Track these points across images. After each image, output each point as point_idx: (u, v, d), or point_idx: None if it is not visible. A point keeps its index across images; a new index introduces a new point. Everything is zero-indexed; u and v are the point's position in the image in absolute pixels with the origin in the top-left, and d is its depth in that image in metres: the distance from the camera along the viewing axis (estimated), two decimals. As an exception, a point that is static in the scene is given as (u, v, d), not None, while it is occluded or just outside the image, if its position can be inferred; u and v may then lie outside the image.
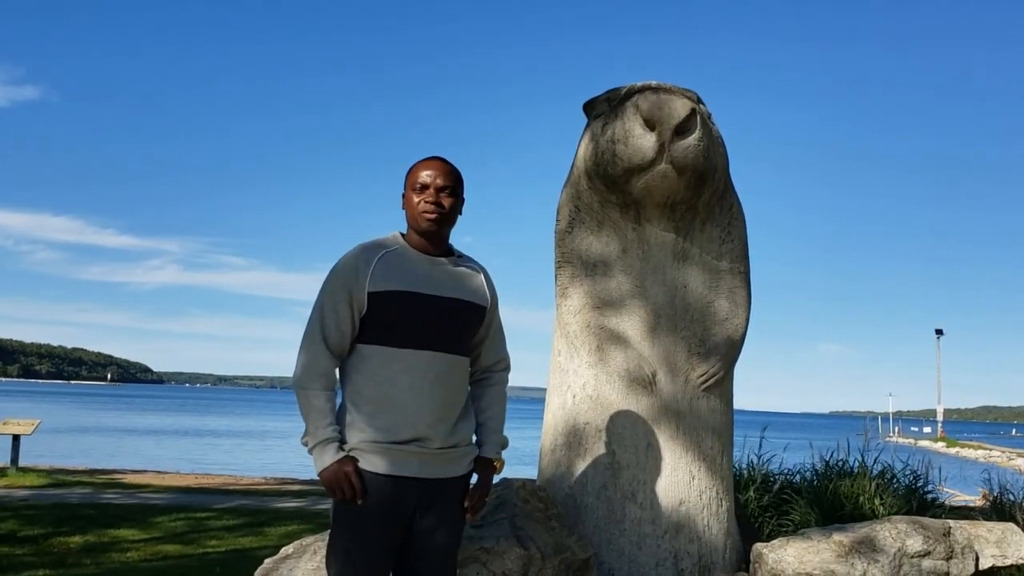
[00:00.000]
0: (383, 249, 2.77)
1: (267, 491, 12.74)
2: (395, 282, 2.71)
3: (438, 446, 2.70)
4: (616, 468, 4.00)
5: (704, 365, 4.10)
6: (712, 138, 4.00)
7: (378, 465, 2.65)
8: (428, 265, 2.79)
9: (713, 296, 4.20)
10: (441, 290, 2.75)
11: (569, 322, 4.23)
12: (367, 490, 2.64)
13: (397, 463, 2.66)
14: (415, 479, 2.67)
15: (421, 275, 2.76)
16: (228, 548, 7.37)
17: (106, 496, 10.98)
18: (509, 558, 3.35)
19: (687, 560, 3.96)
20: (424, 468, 2.68)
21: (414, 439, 2.67)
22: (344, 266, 2.75)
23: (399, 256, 2.77)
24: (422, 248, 2.81)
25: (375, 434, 2.66)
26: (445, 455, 2.72)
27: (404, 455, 2.66)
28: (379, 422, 2.67)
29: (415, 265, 2.77)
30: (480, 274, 2.92)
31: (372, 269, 2.71)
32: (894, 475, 6.66)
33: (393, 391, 2.68)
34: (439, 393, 2.71)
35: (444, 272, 2.80)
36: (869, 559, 3.95)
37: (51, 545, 7.13)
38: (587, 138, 4.17)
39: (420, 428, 2.67)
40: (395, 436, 2.66)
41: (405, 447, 2.66)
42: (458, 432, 2.77)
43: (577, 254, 4.26)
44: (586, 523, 3.98)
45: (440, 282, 2.77)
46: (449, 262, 2.84)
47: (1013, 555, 4.17)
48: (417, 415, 2.67)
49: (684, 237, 4.17)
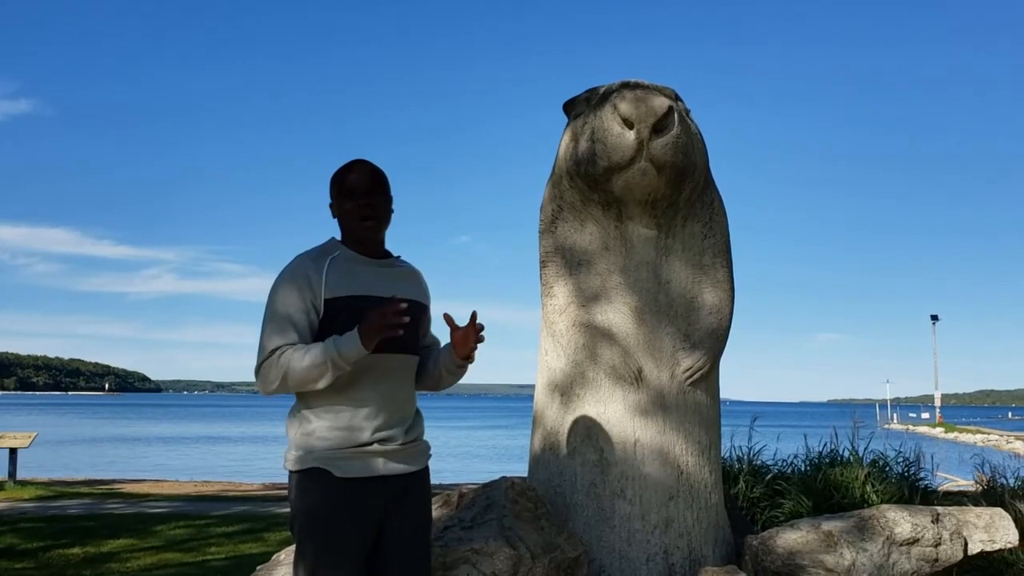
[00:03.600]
0: (328, 256, 2.77)
1: (266, 497, 12.76)
2: (347, 287, 2.72)
3: (399, 443, 2.76)
4: (604, 465, 4.03)
5: (689, 359, 4.13)
6: (691, 135, 4.03)
7: (345, 470, 2.67)
8: (374, 268, 2.84)
9: (697, 291, 4.23)
10: (388, 291, 2.76)
11: (555, 320, 4.26)
12: (339, 498, 2.65)
13: (363, 465, 2.69)
14: (382, 478, 2.71)
15: (370, 279, 2.80)
16: (228, 555, 7.39)
17: (105, 507, 11.00)
18: (499, 558, 3.37)
19: (678, 555, 3.99)
20: (388, 465, 2.73)
21: (376, 440, 2.71)
22: (295, 275, 2.72)
23: (345, 262, 2.79)
24: (363, 253, 2.84)
25: (338, 440, 2.68)
26: (405, 450, 2.79)
27: (369, 456, 2.70)
28: (341, 427, 2.69)
29: (362, 269, 2.81)
30: (418, 274, 3.02)
31: (325, 276, 2.71)
32: (886, 463, 6.70)
33: (352, 394, 2.71)
34: (397, 392, 2.79)
35: (389, 274, 2.86)
36: (858, 548, 3.99)
37: (51, 558, 7.15)
38: (567, 137, 4.19)
39: (380, 428, 2.72)
40: (358, 439, 2.69)
41: (369, 448, 2.70)
42: (416, 428, 2.87)
43: (561, 252, 4.29)
44: (576, 521, 4.01)
45: (388, 284, 2.81)
46: (388, 263, 2.90)
47: (1001, 540, 4.20)
48: (378, 416, 2.72)
49: (666, 233, 4.19)
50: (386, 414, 2.74)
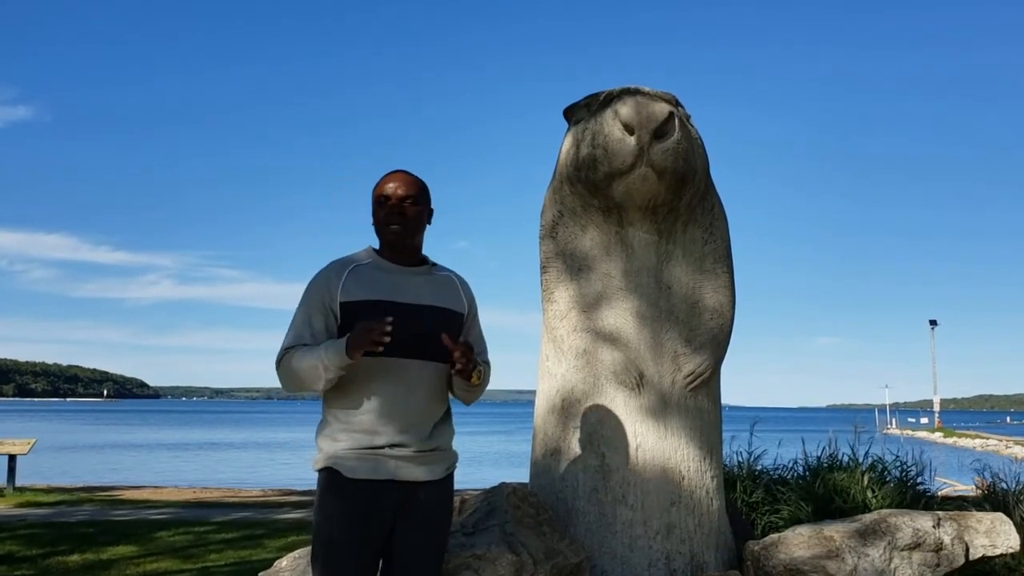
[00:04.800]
0: (354, 263, 2.87)
1: (266, 503, 12.72)
2: (364, 292, 2.79)
3: (414, 449, 2.75)
4: (606, 471, 4.03)
5: (690, 365, 4.13)
6: (691, 140, 4.04)
7: (356, 471, 2.71)
8: (399, 275, 2.86)
9: (697, 296, 4.23)
10: (411, 297, 2.80)
11: (556, 326, 4.26)
12: (348, 498, 2.69)
13: (374, 467, 2.71)
14: (392, 482, 2.72)
15: (391, 284, 2.82)
16: (228, 561, 7.37)
17: (105, 513, 10.97)
18: (501, 564, 3.36)
19: (679, 560, 3.99)
20: (400, 470, 2.73)
21: (389, 444, 2.72)
22: (317, 281, 2.85)
23: (370, 268, 2.86)
24: (393, 260, 2.88)
25: (351, 441, 2.73)
26: (421, 458, 2.77)
27: (380, 459, 2.72)
28: (355, 429, 2.74)
29: (385, 275, 2.84)
30: (455, 282, 2.98)
31: (343, 281, 2.81)
32: (886, 468, 6.69)
33: (367, 398, 2.74)
34: (412, 398, 2.77)
35: (415, 281, 2.86)
36: (859, 553, 3.98)
37: (49, 565, 7.12)
38: (568, 142, 4.20)
39: (394, 433, 2.73)
40: (370, 442, 2.72)
41: (380, 451, 2.72)
42: (436, 437, 2.83)
43: (562, 257, 4.29)
44: (578, 526, 4.00)
45: (411, 290, 2.83)
46: (421, 271, 2.91)
47: (1003, 545, 4.20)
48: (390, 420, 2.73)
49: (667, 239, 4.20)
50: (400, 419, 2.74)
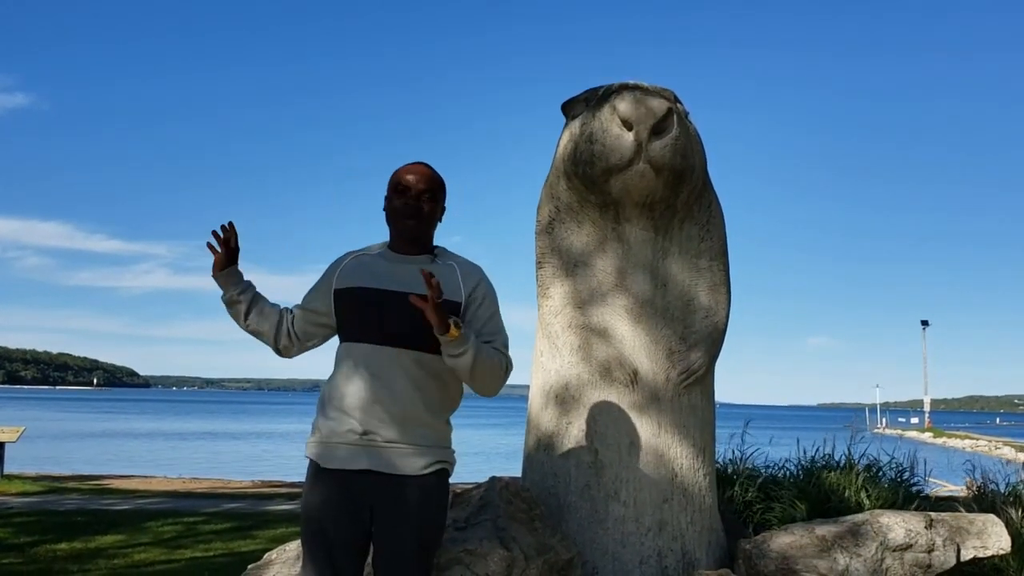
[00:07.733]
0: (362, 253, 2.91)
1: (256, 494, 12.71)
2: (353, 280, 2.81)
3: (384, 440, 2.67)
4: (599, 467, 4.01)
5: (685, 361, 4.11)
6: (690, 137, 4.02)
7: (330, 460, 2.69)
8: (396, 264, 2.82)
9: (693, 293, 4.22)
10: (398, 286, 2.73)
11: (551, 321, 4.25)
12: (323, 487, 2.71)
13: (346, 456, 2.68)
14: (367, 472, 2.67)
15: (382, 272, 2.80)
16: (217, 552, 7.36)
17: (94, 502, 10.93)
18: (492, 560, 3.35)
19: (671, 557, 3.98)
20: (374, 461, 2.66)
21: (361, 432, 2.67)
22: (328, 267, 2.96)
23: (372, 257, 2.87)
24: (402, 251, 2.86)
25: (326, 430, 2.73)
26: (396, 450, 2.68)
27: (353, 448, 2.68)
28: (331, 417, 2.73)
29: (384, 264, 2.82)
30: (456, 270, 2.83)
31: (340, 269, 2.87)
32: (879, 468, 6.70)
33: (345, 387, 2.72)
34: (392, 387, 2.68)
35: (410, 269, 2.77)
36: (851, 553, 3.99)
37: (37, 553, 7.10)
38: (565, 138, 4.17)
39: (364, 421, 2.67)
40: (344, 430, 2.70)
41: (354, 441, 2.67)
42: (416, 429, 2.71)
43: (557, 253, 4.27)
44: (570, 522, 3.99)
45: (400, 278, 2.76)
46: (422, 260, 2.84)
47: (994, 546, 4.20)
48: (360, 408, 2.68)
49: (663, 235, 4.18)
50: (378, 409, 2.67)
